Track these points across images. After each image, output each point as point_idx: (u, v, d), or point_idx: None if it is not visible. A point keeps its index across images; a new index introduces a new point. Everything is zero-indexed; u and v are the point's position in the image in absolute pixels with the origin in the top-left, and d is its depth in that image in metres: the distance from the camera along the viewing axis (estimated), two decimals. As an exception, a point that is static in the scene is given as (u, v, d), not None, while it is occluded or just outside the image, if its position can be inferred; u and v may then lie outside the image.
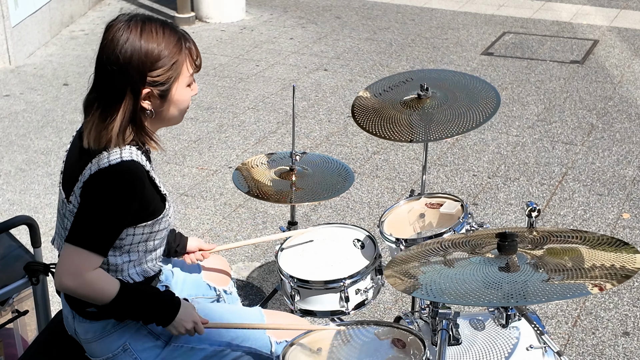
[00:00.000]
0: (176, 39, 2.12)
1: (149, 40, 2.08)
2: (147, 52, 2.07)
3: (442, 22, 7.95)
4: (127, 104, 2.08)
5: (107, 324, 2.21)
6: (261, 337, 2.36)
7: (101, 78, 2.11)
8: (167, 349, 2.25)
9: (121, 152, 2.09)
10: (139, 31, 2.08)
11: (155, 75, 2.09)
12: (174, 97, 2.15)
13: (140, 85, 2.08)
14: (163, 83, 2.11)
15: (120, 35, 2.07)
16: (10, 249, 2.88)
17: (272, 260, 3.99)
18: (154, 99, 2.12)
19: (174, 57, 2.10)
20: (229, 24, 8.02)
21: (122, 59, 2.06)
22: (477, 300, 1.86)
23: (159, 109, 2.15)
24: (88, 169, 2.09)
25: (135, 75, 2.07)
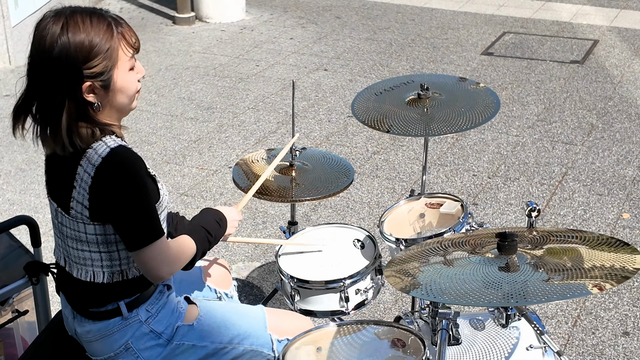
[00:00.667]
0: (106, 25, 2.01)
1: (76, 32, 1.97)
2: (76, 46, 1.96)
3: (442, 22, 7.95)
4: (69, 104, 2.01)
5: (109, 323, 2.21)
6: (262, 335, 2.36)
7: (35, 81, 2.03)
8: (169, 347, 2.25)
9: (104, 142, 2.04)
10: (65, 25, 1.97)
11: (92, 67, 1.98)
12: (117, 85, 2.06)
13: (77, 81, 1.99)
14: (101, 73, 2.00)
15: (47, 34, 1.97)
16: (10, 249, 2.88)
17: (272, 260, 3.99)
18: (98, 91, 2.03)
19: (106, 44, 2.00)
20: (229, 24, 8.02)
21: (52, 58, 1.96)
22: (477, 300, 1.86)
23: (104, 100, 2.06)
24: (82, 171, 2.05)
25: (70, 72, 1.97)
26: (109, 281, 2.16)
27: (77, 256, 2.16)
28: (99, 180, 2.03)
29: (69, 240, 2.16)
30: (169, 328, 2.25)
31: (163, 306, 2.26)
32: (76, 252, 2.16)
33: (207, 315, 2.32)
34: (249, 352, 2.33)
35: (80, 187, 2.06)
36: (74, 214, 2.10)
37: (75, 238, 2.14)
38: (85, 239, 2.12)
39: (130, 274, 2.17)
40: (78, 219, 2.10)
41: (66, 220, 2.14)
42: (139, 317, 2.21)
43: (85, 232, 2.11)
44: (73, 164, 2.07)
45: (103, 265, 2.15)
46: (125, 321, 2.21)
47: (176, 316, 2.27)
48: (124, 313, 2.20)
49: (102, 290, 2.18)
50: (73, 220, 2.11)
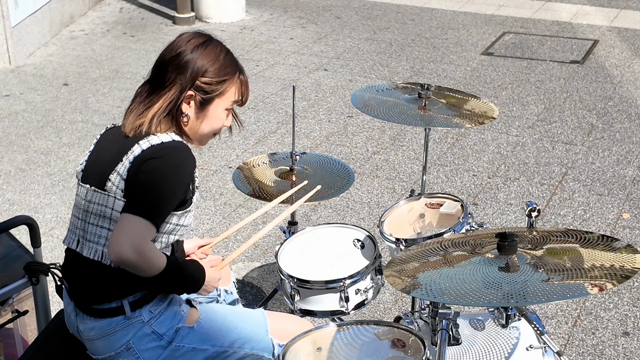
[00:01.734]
0: (234, 64, 2.29)
1: (211, 53, 2.25)
2: (205, 60, 2.23)
3: (442, 22, 7.95)
4: (171, 95, 2.20)
5: (112, 322, 2.21)
6: (263, 339, 2.36)
7: (157, 70, 2.25)
8: (169, 348, 2.25)
9: (169, 135, 2.20)
10: (204, 44, 2.26)
11: (204, 82, 2.22)
12: (210, 111, 2.26)
13: (189, 84, 2.21)
14: (208, 92, 2.23)
15: (187, 42, 2.25)
16: (10, 249, 2.88)
17: (272, 260, 3.99)
18: (195, 104, 2.23)
19: (226, 75, 2.25)
20: (229, 24, 8.02)
21: (181, 57, 2.22)
22: (477, 300, 1.86)
23: (195, 117, 2.25)
24: (137, 148, 2.16)
25: (188, 74, 2.21)
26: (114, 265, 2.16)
27: (94, 233, 2.20)
28: (147, 155, 2.14)
29: (92, 217, 2.21)
30: (170, 330, 2.25)
31: (166, 308, 2.26)
32: (95, 228, 2.20)
33: (207, 318, 2.33)
34: (249, 356, 2.34)
35: (126, 160, 2.16)
36: (109, 187, 2.17)
37: (100, 214, 2.19)
38: (109, 215, 2.17)
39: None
40: (111, 193, 2.16)
41: (97, 197, 2.20)
42: (141, 318, 2.22)
43: (112, 207, 2.16)
44: (132, 143, 2.18)
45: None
46: (127, 320, 2.21)
47: (178, 318, 2.28)
48: (127, 312, 2.20)
49: (106, 281, 2.18)
50: (105, 194, 2.17)
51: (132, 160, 2.15)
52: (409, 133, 5.41)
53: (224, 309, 2.45)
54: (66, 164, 5.06)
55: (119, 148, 2.20)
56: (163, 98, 2.20)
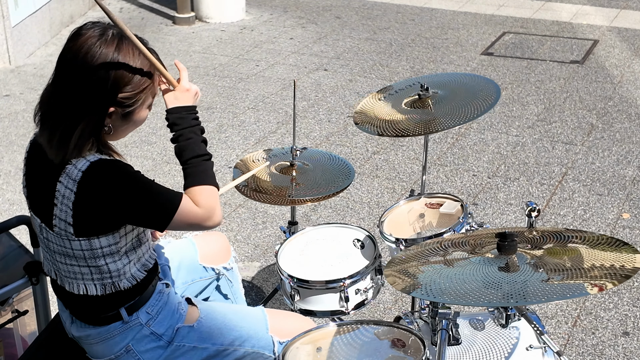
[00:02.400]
0: (149, 65, 2.08)
1: (126, 58, 2.02)
2: (122, 74, 2.01)
3: (442, 22, 7.95)
4: (91, 119, 2.01)
5: (109, 328, 2.19)
6: (264, 337, 2.36)
7: (65, 89, 2.01)
8: (170, 348, 2.25)
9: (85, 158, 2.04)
10: (115, 48, 2.02)
11: (124, 97, 2.03)
12: (135, 117, 2.10)
13: (109, 103, 2.02)
14: (130, 105, 2.06)
15: (97, 49, 2.00)
16: (10, 249, 2.88)
17: (272, 260, 3.99)
18: (116, 117, 2.06)
19: (145, 82, 2.07)
20: (229, 24, 8.02)
21: (96, 75, 1.98)
22: (477, 300, 1.86)
23: (118, 127, 2.10)
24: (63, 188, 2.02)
25: (106, 93, 2.00)
26: (102, 293, 2.14)
27: (67, 270, 2.14)
28: (84, 194, 2.01)
29: (57, 255, 2.13)
30: (170, 330, 2.25)
31: (163, 307, 2.25)
32: (65, 266, 2.14)
33: (207, 317, 2.32)
34: (250, 354, 2.33)
35: (62, 204, 2.03)
36: (57, 231, 2.07)
37: (63, 253, 2.11)
38: (72, 254, 2.10)
39: (122, 285, 2.15)
40: (63, 236, 2.07)
41: (51, 236, 2.11)
42: (139, 320, 2.21)
43: (71, 248, 2.08)
44: (52, 180, 2.05)
45: (94, 278, 2.13)
46: (125, 325, 2.20)
47: (177, 318, 2.27)
48: (124, 317, 2.19)
49: (97, 301, 2.17)
50: (58, 236, 2.09)
51: (72, 207, 2.02)
52: (409, 133, 5.41)
53: (224, 307, 2.45)
54: (66, 164, 5.06)
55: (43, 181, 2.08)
56: (82, 123, 2.00)
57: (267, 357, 2.36)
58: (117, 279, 2.14)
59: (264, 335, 2.36)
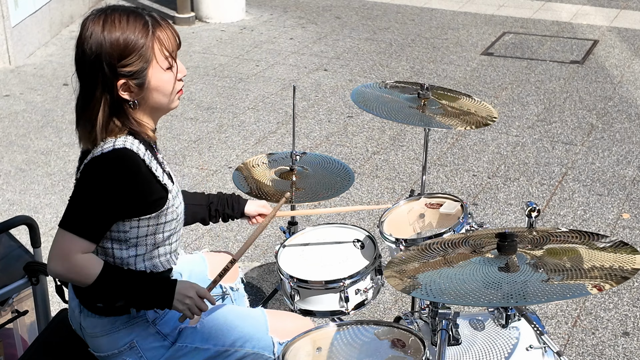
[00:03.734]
0: (142, 25, 2.05)
1: (112, 30, 2.02)
2: (111, 44, 2.02)
3: (442, 22, 7.95)
4: (104, 98, 2.05)
5: (116, 320, 2.21)
6: (264, 338, 2.36)
7: (78, 77, 2.10)
8: (173, 349, 2.25)
9: (115, 141, 2.08)
10: (102, 23, 2.03)
11: (124, 65, 2.03)
12: (151, 84, 2.08)
13: (113, 78, 2.03)
14: (135, 72, 2.05)
15: (87, 32, 2.04)
16: (10, 249, 2.88)
17: (272, 260, 3.99)
18: (132, 88, 2.07)
19: (140, 42, 2.04)
20: (229, 24, 8.02)
21: (89, 54, 2.03)
22: (477, 300, 1.86)
23: (140, 98, 2.09)
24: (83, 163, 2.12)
25: (105, 69, 2.02)
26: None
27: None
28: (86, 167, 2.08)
29: None
30: (174, 330, 2.26)
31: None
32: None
33: (209, 318, 2.33)
34: (250, 354, 2.34)
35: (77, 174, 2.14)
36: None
37: None
38: None
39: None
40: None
41: None
42: (146, 317, 2.22)
43: None
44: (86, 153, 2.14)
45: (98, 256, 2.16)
46: (132, 320, 2.21)
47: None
48: (132, 311, 2.20)
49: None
50: None
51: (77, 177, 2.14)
52: (409, 133, 5.41)
53: (225, 308, 2.45)
54: (66, 164, 5.06)
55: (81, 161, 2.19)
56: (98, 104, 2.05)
57: (267, 358, 2.36)
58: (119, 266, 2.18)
59: (264, 336, 2.36)
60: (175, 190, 2.22)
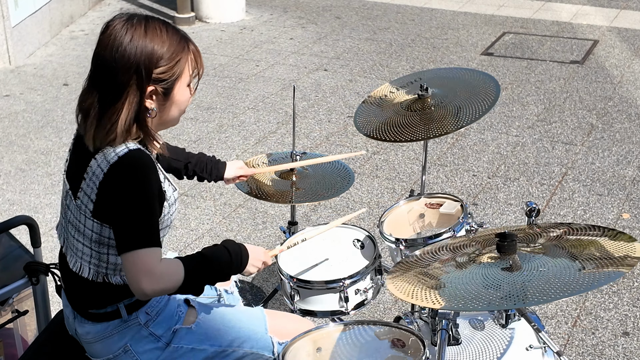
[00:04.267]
0: (179, 38, 2.12)
1: (154, 38, 2.06)
2: (153, 50, 2.05)
3: (442, 22, 7.95)
4: (132, 101, 2.06)
5: (109, 325, 2.20)
6: (263, 338, 2.36)
7: (103, 77, 2.07)
8: (168, 350, 2.24)
9: (126, 144, 2.08)
10: (143, 29, 2.07)
11: (160, 72, 2.07)
12: (175, 96, 2.13)
13: (146, 82, 2.06)
14: (167, 80, 2.09)
15: (124, 34, 2.05)
16: (10, 249, 2.88)
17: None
18: (158, 97, 2.10)
19: (178, 54, 2.10)
20: (229, 24, 8.02)
21: (127, 57, 2.04)
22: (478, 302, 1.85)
23: (161, 108, 2.13)
24: (95, 165, 2.08)
25: (141, 72, 2.05)
26: (93, 279, 2.15)
27: (73, 244, 2.18)
28: (111, 178, 2.05)
29: (70, 226, 2.18)
30: (168, 331, 2.25)
31: (163, 309, 2.25)
32: (73, 240, 2.18)
33: (205, 318, 2.32)
34: (249, 355, 2.33)
35: (90, 181, 2.08)
36: (79, 203, 2.12)
37: (75, 227, 2.16)
38: (82, 231, 2.14)
39: (113, 280, 2.16)
40: (81, 210, 2.12)
41: (72, 206, 2.16)
42: (138, 320, 2.21)
43: (84, 224, 2.12)
44: (89, 155, 2.10)
45: (91, 262, 2.15)
46: (124, 324, 2.20)
47: (175, 319, 2.27)
48: (124, 316, 2.19)
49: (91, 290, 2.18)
50: (78, 208, 2.13)
51: (98, 186, 2.07)
52: (409, 133, 5.41)
53: (223, 308, 2.44)
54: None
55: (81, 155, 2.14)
56: (124, 109, 2.05)
57: (266, 358, 2.36)
58: (111, 272, 2.16)
59: (263, 336, 2.36)
60: (172, 198, 2.23)
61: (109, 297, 2.19)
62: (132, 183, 2.04)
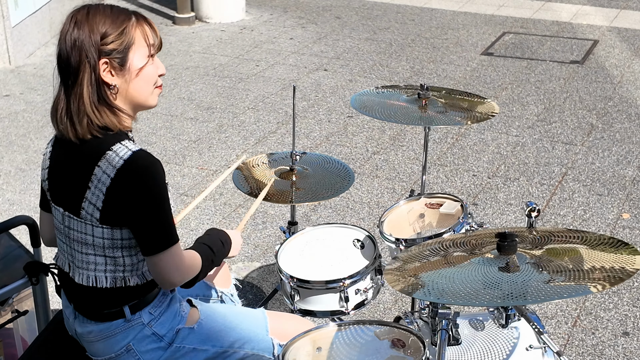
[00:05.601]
0: (125, 13, 2.13)
1: (96, 15, 2.08)
2: (96, 24, 2.07)
3: (442, 22, 7.95)
4: (89, 79, 2.06)
5: (111, 325, 2.20)
6: (264, 339, 2.36)
7: (61, 69, 2.09)
8: (170, 350, 2.24)
9: (125, 146, 2.07)
10: (86, 12, 2.09)
11: (108, 43, 2.06)
12: (133, 65, 2.11)
13: (97, 57, 2.06)
14: (118, 51, 2.08)
15: (70, 21, 2.08)
16: (10, 249, 2.88)
17: (272, 260, 3.99)
18: (115, 70, 2.09)
19: (123, 23, 2.10)
20: (229, 24, 8.02)
21: (74, 38, 2.06)
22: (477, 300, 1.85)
23: (122, 81, 2.11)
24: (100, 172, 2.05)
25: (89, 49, 2.05)
26: (111, 286, 2.15)
27: (81, 260, 2.16)
28: (119, 183, 2.04)
29: (75, 243, 2.15)
30: (171, 331, 2.25)
31: (166, 309, 2.25)
32: (81, 255, 2.15)
33: (208, 319, 2.32)
34: (250, 356, 2.33)
35: (95, 188, 2.06)
36: (84, 215, 2.10)
37: (82, 241, 2.13)
38: (91, 242, 2.12)
39: (132, 281, 2.17)
40: (87, 221, 2.10)
41: (74, 223, 2.13)
42: (141, 320, 2.21)
43: (92, 234, 2.11)
44: (89, 164, 2.07)
45: (107, 270, 2.14)
46: (127, 323, 2.20)
47: (178, 319, 2.27)
48: (127, 315, 2.19)
49: (103, 296, 2.18)
50: (82, 222, 2.11)
51: (105, 192, 2.05)
52: (409, 133, 5.41)
53: (225, 308, 2.44)
54: (66, 164, 5.06)
55: (78, 168, 2.11)
56: (85, 86, 2.06)
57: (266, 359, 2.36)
58: (128, 274, 2.16)
59: (264, 338, 2.36)
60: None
61: (114, 300, 2.18)
62: (144, 186, 2.05)
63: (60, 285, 2.31)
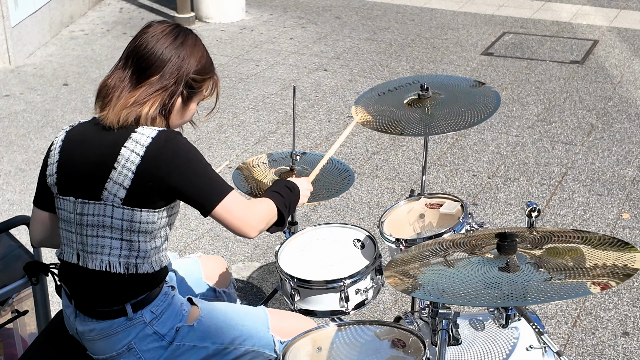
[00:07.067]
0: (212, 62, 2.33)
1: (198, 49, 2.26)
2: (196, 57, 2.24)
3: (442, 22, 7.95)
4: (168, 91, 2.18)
5: (113, 323, 2.21)
6: (265, 336, 2.36)
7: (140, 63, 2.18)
8: (170, 348, 2.25)
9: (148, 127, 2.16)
10: (195, 39, 2.28)
11: (193, 80, 2.22)
12: (190, 106, 2.27)
13: (183, 79, 2.20)
14: (194, 88, 2.24)
15: (173, 32, 2.22)
16: (10, 249, 2.88)
17: (272, 260, 3.99)
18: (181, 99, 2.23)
19: (209, 72, 2.28)
20: (229, 24, 8.02)
21: (183, 50, 2.20)
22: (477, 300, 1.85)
23: (177, 110, 2.24)
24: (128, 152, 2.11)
25: (186, 69, 2.20)
26: (124, 272, 2.16)
27: (96, 244, 2.17)
28: (152, 158, 2.10)
29: (89, 229, 2.17)
30: (172, 330, 2.25)
31: (167, 308, 2.26)
32: (95, 239, 2.16)
33: (208, 316, 2.32)
34: (250, 352, 2.33)
35: (123, 168, 2.11)
36: (105, 196, 2.13)
37: (99, 224, 2.15)
38: (109, 224, 2.14)
39: (142, 269, 2.18)
40: (108, 202, 2.13)
41: (90, 208, 2.15)
42: (143, 319, 2.22)
43: (112, 216, 2.14)
44: (114, 147, 2.13)
45: (121, 254, 2.16)
46: (129, 322, 2.21)
47: (179, 318, 2.27)
48: (129, 314, 2.20)
49: (111, 286, 2.18)
50: (101, 204, 2.14)
51: (135, 171, 2.09)
52: (409, 133, 5.41)
53: (225, 306, 2.45)
54: (66, 164, 5.06)
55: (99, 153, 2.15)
56: (160, 94, 2.17)
57: (267, 357, 2.36)
58: (140, 261, 2.17)
59: (265, 335, 2.36)
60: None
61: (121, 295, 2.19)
62: (179, 152, 2.13)
63: (63, 283, 2.31)
